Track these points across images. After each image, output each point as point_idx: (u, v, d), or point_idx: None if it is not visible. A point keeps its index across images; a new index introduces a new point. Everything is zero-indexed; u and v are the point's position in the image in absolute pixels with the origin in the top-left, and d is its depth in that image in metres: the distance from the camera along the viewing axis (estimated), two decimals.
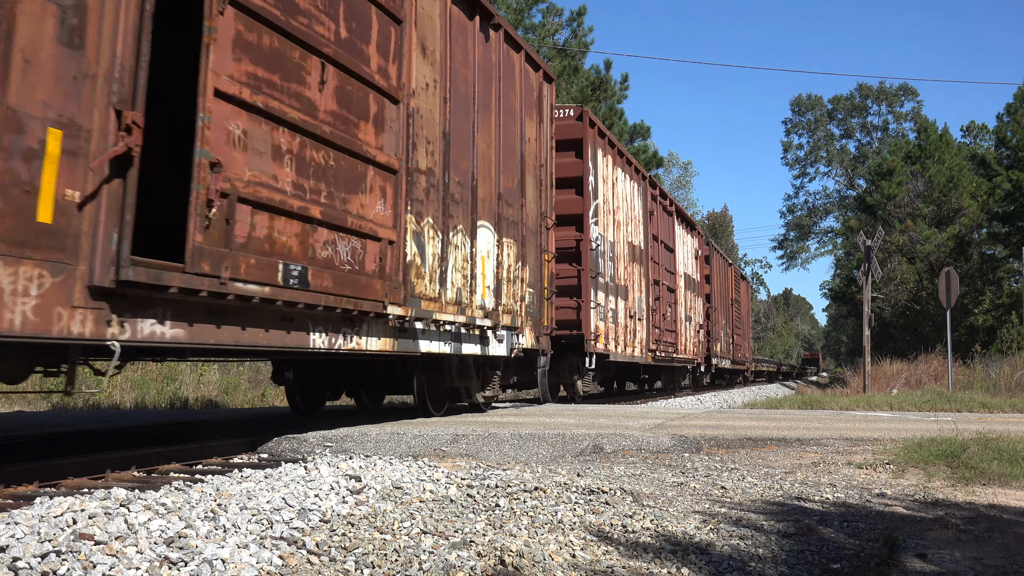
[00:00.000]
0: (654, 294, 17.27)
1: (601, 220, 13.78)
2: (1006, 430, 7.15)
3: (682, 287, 20.42)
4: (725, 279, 28.95)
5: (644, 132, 35.16)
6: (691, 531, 3.67)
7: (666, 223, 19.12)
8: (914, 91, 62.21)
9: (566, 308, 12.63)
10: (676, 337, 19.33)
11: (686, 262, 21.29)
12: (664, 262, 18.43)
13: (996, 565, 3.23)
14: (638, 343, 15.98)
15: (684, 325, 20.66)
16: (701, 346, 22.86)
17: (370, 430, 6.91)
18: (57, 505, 3.52)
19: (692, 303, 21.83)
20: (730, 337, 29.09)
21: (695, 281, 22.41)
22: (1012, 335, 26.51)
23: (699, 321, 22.64)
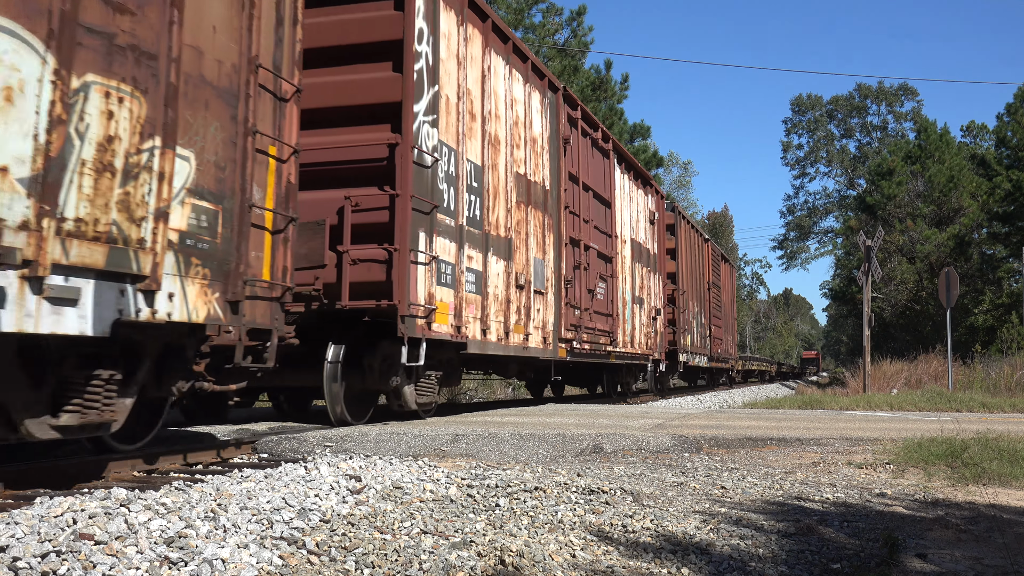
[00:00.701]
0: (572, 259, 11.95)
1: (447, 122, 8.42)
2: (1006, 430, 7.15)
3: (627, 257, 15.22)
4: (699, 257, 23.59)
5: (644, 132, 35.14)
6: (691, 531, 3.67)
7: (598, 165, 13.67)
8: (914, 91, 62.24)
9: (371, 263, 7.58)
10: (614, 324, 13.88)
11: (635, 226, 15.94)
12: (594, 218, 13.19)
13: (996, 565, 3.23)
14: (537, 328, 10.61)
15: (630, 309, 15.29)
16: (659, 338, 17.67)
17: (370, 430, 6.91)
18: (57, 505, 3.52)
19: (645, 281, 16.62)
20: (706, 329, 24.09)
21: (650, 253, 17.14)
22: (1012, 335, 26.51)
23: (655, 305, 17.25)
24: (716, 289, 25.98)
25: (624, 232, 15.18)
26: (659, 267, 18.00)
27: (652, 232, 17.51)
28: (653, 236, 17.58)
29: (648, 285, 16.93)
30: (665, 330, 18.18)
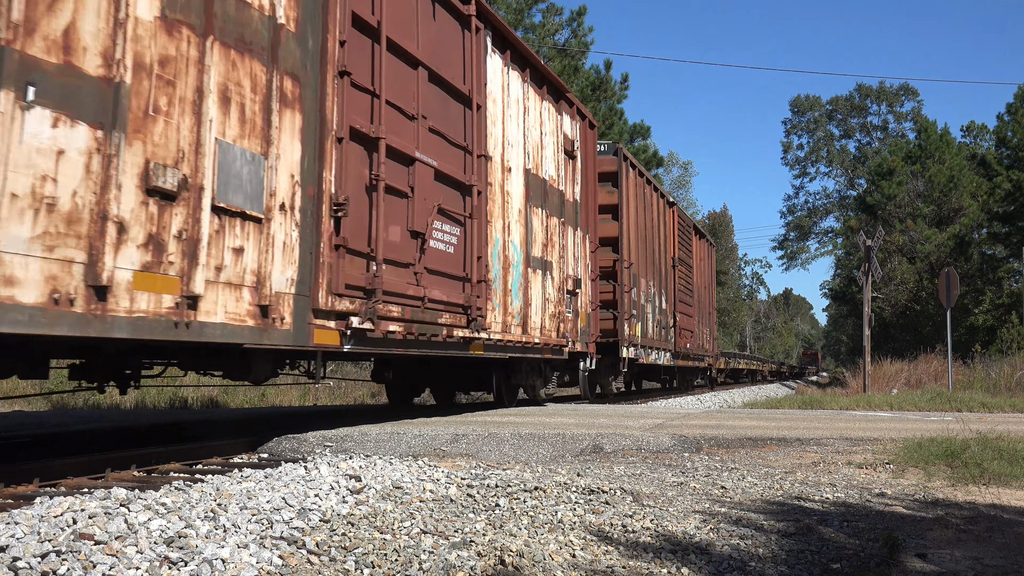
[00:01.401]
0: (358, 169, 6.76)
1: None
2: (1006, 430, 7.15)
3: (513, 196, 9.68)
4: (659, 223, 17.97)
5: (644, 132, 35.15)
6: (691, 531, 3.67)
7: (444, 33, 8.35)
8: (914, 91, 62.23)
9: None
10: (476, 294, 8.51)
11: (534, 153, 10.39)
12: (433, 117, 7.99)
13: (996, 565, 3.23)
14: (229, 286, 5.23)
15: (518, 275, 9.76)
16: (583, 322, 12.00)
17: (370, 430, 6.91)
18: (57, 505, 3.52)
19: (555, 238, 10.97)
20: (668, 317, 18.75)
21: (564, 199, 11.41)
22: (1012, 335, 26.52)
23: (573, 274, 11.52)
24: (685, 268, 20.52)
25: (509, 157, 9.47)
26: (584, 223, 12.21)
27: (570, 171, 11.66)
28: (572, 177, 11.70)
29: (562, 245, 11.06)
30: (595, 313, 12.69)
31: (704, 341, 23.76)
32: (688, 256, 21.01)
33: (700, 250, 23.36)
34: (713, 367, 26.04)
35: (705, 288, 24.23)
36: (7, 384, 13.44)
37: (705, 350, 23.84)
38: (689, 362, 21.23)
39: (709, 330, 25.11)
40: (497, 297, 9.06)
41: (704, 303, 23.91)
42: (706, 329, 24.34)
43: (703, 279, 23.85)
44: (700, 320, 22.88)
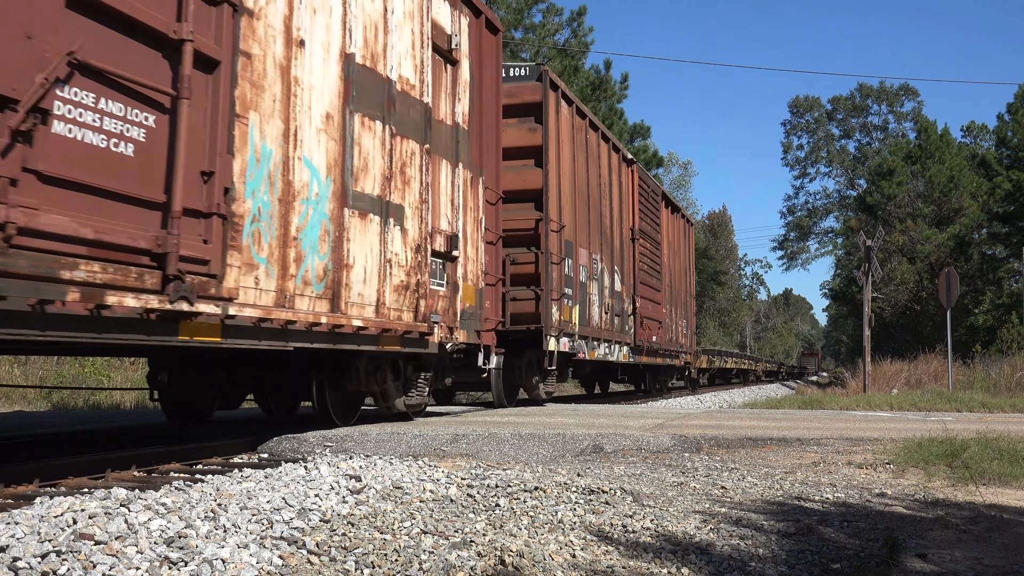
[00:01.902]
0: None
1: None
2: (1006, 430, 7.15)
3: (317, 88, 6.12)
4: (609, 180, 14.30)
5: (644, 132, 35.15)
6: (691, 531, 3.67)
7: None
8: (915, 91, 62.21)
9: None
10: (208, 233, 4.81)
11: (368, 35, 6.81)
12: None
13: (996, 565, 3.23)
14: None
15: (326, 220, 6.21)
16: (474, 302, 8.80)
17: (370, 430, 6.91)
18: (57, 505, 3.52)
19: (418, 174, 7.64)
20: (625, 302, 15.19)
21: (438, 122, 8.16)
22: (1012, 335, 26.52)
23: (448, 230, 8.24)
24: (650, 244, 16.44)
25: (305, 24, 5.97)
26: (475, 160, 8.93)
27: (447, 81, 8.35)
28: (451, 91, 8.41)
29: (427, 185, 7.72)
30: (493, 290, 9.34)
31: (678, 335, 19.65)
32: (654, 229, 16.89)
33: (673, 226, 19.31)
34: (692, 366, 21.99)
35: (681, 272, 20.31)
36: (7, 384, 13.44)
37: (680, 345, 19.84)
38: (656, 359, 17.26)
39: (687, 322, 21.11)
40: (261, 247, 5.40)
41: (679, 290, 20.01)
42: (682, 321, 20.32)
43: (678, 261, 19.75)
44: (673, 309, 18.95)
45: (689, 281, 22.15)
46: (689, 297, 22.00)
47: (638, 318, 15.62)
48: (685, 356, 20.75)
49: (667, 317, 18.46)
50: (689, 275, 22.12)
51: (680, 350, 19.92)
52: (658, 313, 17.38)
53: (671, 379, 21.27)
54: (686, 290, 21.43)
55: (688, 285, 21.89)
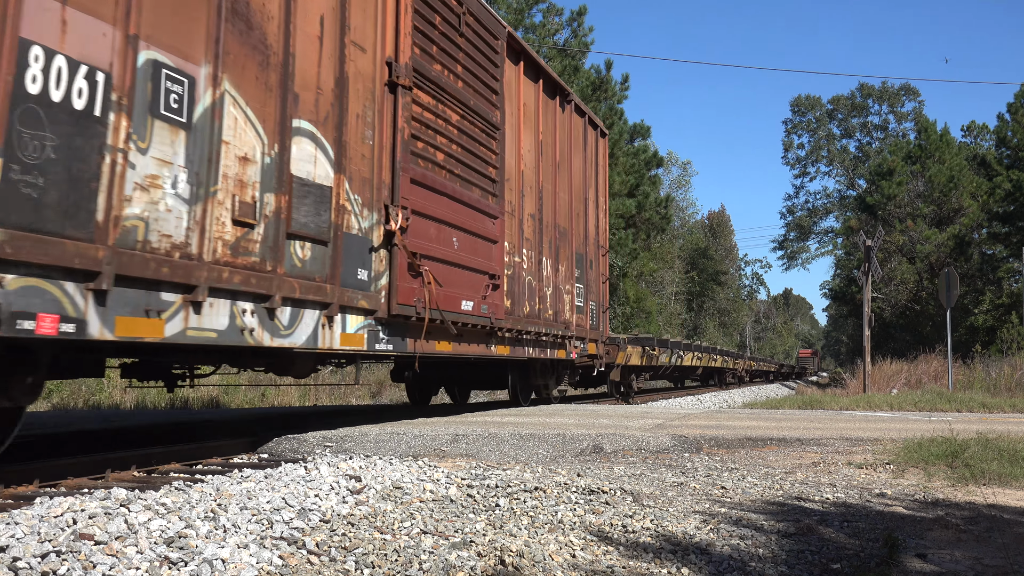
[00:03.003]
0: None
1: None
2: (1006, 430, 7.15)
3: None
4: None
5: (644, 132, 35.14)
6: (691, 531, 3.67)
7: None
8: (915, 91, 62.15)
9: None
10: None
11: None
12: None
13: (996, 565, 3.23)
14: None
15: None
16: None
17: (370, 430, 6.91)
18: (57, 505, 3.52)
19: None
20: (367, 214, 6.76)
21: None
22: (1012, 335, 26.53)
23: None
24: (455, 110, 8.23)
25: None
26: None
27: None
28: None
29: None
30: None
31: (564, 309, 11.38)
32: (480, 97, 8.80)
33: (555, 120, 11.29)
34: (601, 359, 13.53)
35: (575, 207, 11.95)
36: None
37: (569, 326, 11.56)
38: (534, 348, 10.35)
39: (595, 293, 12.92)
40: None
41: (571, 236, 11.76)
42: (574, 287, 11.86)
43: (567, 186, 11.66)
44: (551, 264, 11.01)
45: (596, 226, 13.00)
46: (598, 253, 13.07)
47: (404, 259, 7.17)
48: (576, 343, 11.91)
49: (527, 274, 10.17)
50: (595, 216, 12.95)
51: (567, 333, 11.35)
52: (489, 259, 8.89)
53: (556, 380, 12.34)
54: (588, 239, 12.46)
55: (594, 232, 12.91)
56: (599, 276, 13.39)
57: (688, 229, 58.96)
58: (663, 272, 45.52)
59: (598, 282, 13.34)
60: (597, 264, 13.23)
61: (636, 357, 17.06)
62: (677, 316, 48.67)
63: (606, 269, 13.70)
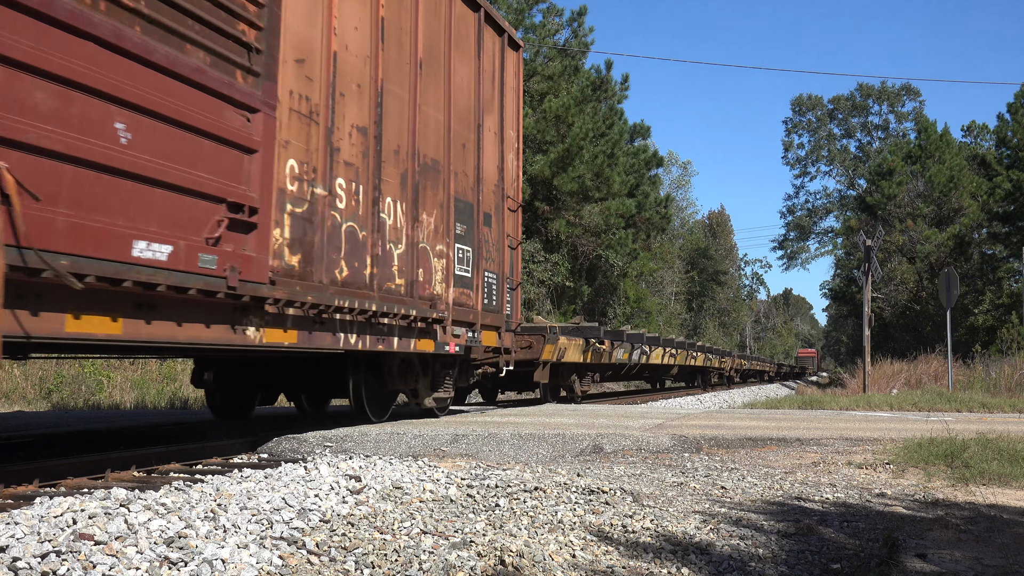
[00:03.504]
0: None
1: None
2: (1006, 430, 7.15)
3: None
4: None
5: (644, 132, 35.17)
6: (691, 531, 3.67)
7: None
8: (916, 91, 62.17)
9: None
10: None
11: None
12: None
13: (996, 565, 3.23)
14: None
15: None
16: None
17: (370, 430, 6.91)
18: (57, 505, 3.52)
19: None
20: None
21: None
22: (1012, 335, 26.51)
23: None
24: None
25: None
26: None
27: None
28: None
29: None
30: None
31: (430, 279, 7.83)
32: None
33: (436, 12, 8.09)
34: (511, 354, 9.83)
35: (466, 137, 8.68)
36: (7, 384, 13.45)
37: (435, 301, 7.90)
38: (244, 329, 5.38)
39: (499, 267, 9.41)
40: None
41: (461, 183, 8.52)
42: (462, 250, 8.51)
43: (454, 100, 8.33)
44: (428, 224, 7.80)
45: (500, 169, 9.47)
46: (502, 207, 9.51)
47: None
48: (475, 334, 8.77)
49: (346, 218, 6.66)
50: (496, 155, 9.41)
51: (438, 317, 7.79)
52: (229, 177, 5.20)
53: (431, 384, 8.65)
54: (483, 185, 8.98)
55: (495, 177, 9.38)
56: (503, 238, 9.41)
57: (688, 229, 58.95)
58: (663, 272, 45.52)
59: (502, 247, 9.41)
60: (501, 222, 9.38)
61: (575, 352, 13.10)
62: (677, 316, 48.67)
63: (518, 231, 10.03)
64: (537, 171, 25.12)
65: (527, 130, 24.40)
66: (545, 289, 26.10)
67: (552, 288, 26.59)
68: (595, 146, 26.62)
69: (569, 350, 12.90)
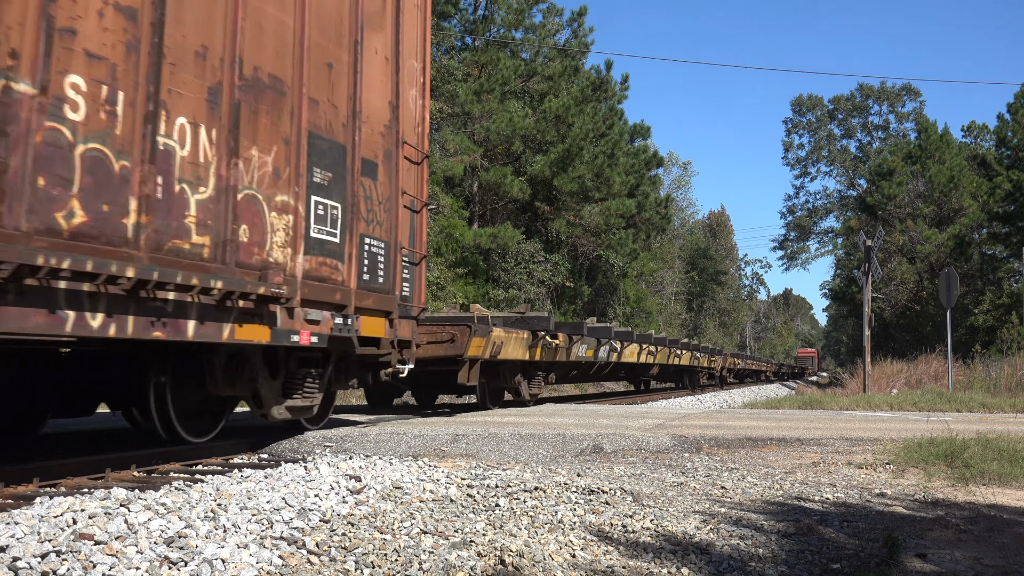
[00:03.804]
0: None
1: None
2: (1006, 430, 7.15)
3: None
4: None
5: (644, 132, 35.18)
6: (691, 531, 3.67)
7: None
8: (916, 91, 62.15)
9: None
10: None
11: None
12: None
13: (996, 565, 3.23)
14: None
15: None
16: None
17: (370, 430, 6.91)
18: (57, 505, 3.52)
19: None
20: None
21: None
22: (1012, 335, 26.50)
23: None
24: None
25: None
26: None
27: None
28: None
29: None
30: None
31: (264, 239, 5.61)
32: None
33: None
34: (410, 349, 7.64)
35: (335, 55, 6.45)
36: None
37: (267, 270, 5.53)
38: None
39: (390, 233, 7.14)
40: None
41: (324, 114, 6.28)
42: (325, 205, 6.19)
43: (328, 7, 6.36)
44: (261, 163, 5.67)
45: (393, 106, 7.36)
46: (396, 155, 7.31)
47: None
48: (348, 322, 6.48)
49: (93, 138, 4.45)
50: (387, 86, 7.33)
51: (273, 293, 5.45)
52: None
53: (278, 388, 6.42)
54: (360, 121, 6.76)
55: (386, 115, 7.26)
56: (397, 196, 7.19)
57: (688, 229, 58.97)
58: (663, 272, 45.52)
59: (395, 207, 7.17)
60: (393, 174, 7.17)
61: (517, 347, 10.52)
62: (677, 316, 48.68)
63: (423, 189, 7.80)
64: (537, 171, 25.14)
65: (527, 130, 24.42)
66: (545, 289, 26.11)
67: (552, 288, 26.60)
68: (595, 146, 26.63)
69: (509, 345, 10.25)
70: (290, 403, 6.39)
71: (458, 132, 23.27)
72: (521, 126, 24.11)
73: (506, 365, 10.81)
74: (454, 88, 23.08)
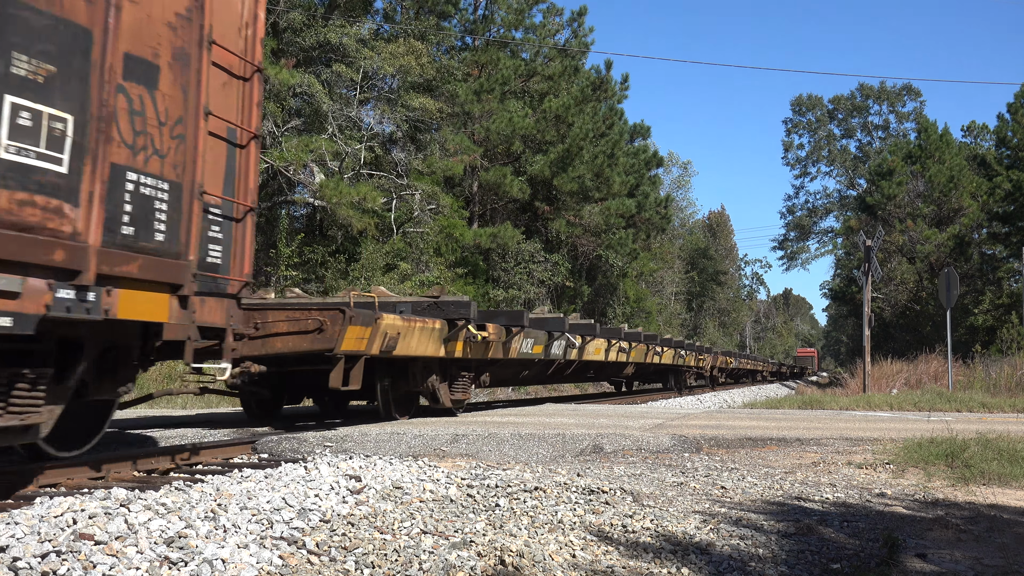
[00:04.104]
0: None
1: None
2: (1006, 430, 7.15)
3: None
4: None
5: (644, 132, 35.20)
6: (691, 531, 3.67)
7: None
8: (916, 91, 62.15)
9: None
10: None
11: None
12: None
13: (996, 565, 3.23)
14: None
15: None
16: None
17: (370, 430, 6.91)
18: (57, 505, 3.52)
19: None
20: None
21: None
22: (1012, 335, 26.50)
23: None
24: None
25: None
26: None
27: None
28: None
29: None
30: None
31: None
32: None
33: None
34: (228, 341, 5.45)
35: None
36: None
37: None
38: None
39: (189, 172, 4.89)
40: None
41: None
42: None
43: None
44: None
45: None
46: (198, 56, 4.99)
47: None
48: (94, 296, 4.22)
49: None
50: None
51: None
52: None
53: None
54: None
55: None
56: (196, 117, 5.01)
57: (688, 229, 58.98)
58: (663, 272, 45.53)
59: (193, 132, 5.01)
60: (192, 86, 4.99)
61: (426, 341, 8.18)
62: (677, 316, 48.68)
63: (253, 117, 5.62)
64: (537, 171, 25.14)
65: (527, 130, 24.42)
66: (545, 289, 26.10)
67: (552, 288, 26.60)
68: (595, 146, 26.64)
69: (411, 337, 7.87)
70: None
71: (458, 132, 23.27)
72: (521, 126, 24.11)
73: (413, 364, 8.42)
74: (454, 88, 23.08)
